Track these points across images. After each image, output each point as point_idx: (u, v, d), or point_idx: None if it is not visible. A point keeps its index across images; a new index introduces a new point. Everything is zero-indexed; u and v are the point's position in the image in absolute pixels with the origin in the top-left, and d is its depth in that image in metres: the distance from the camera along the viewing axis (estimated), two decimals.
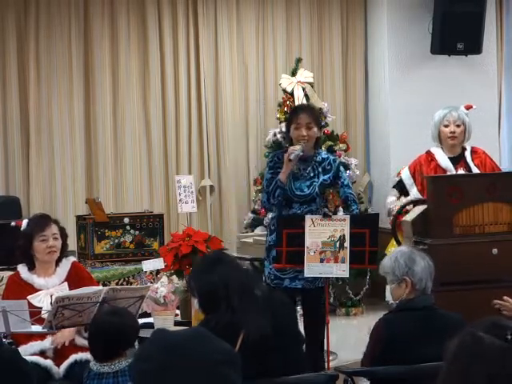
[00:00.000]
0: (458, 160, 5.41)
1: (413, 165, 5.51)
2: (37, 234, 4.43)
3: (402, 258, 3.62)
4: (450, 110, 5.43)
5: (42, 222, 4.53)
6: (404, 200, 5.28)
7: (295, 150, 4.91)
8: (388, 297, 3.75)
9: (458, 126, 5.39)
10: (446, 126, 5.39)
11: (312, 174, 5.05)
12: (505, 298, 4.06)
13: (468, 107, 5.49)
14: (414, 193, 5.33)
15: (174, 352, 1.88)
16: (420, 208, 4.84)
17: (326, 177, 5.06)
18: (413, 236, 4.71)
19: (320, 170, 5.07)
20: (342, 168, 5.17)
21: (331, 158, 5.17)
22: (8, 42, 7.12)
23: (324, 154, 5.22)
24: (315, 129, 5.03)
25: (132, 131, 7.42)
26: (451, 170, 5.34)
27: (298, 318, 4.46)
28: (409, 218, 4.82)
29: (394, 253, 3.71)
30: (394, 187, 5.62)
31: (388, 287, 3.72)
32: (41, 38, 7.17)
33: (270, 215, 5.26)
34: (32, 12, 7.15)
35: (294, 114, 5.11)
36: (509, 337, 1.76)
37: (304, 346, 3.59)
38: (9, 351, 3.05)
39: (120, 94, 7.39)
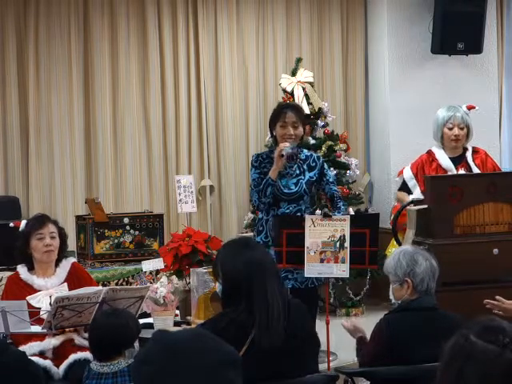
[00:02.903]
0: (459, 160, 5.40)
1: (415, 165, 5.49)
2: (34, 232, 4.43)
3: (404, 259, 3.61)
4: (454, 113, 5.40)
5: (39, 220, 4.53)
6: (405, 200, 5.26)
7: (286, 146, 4.92)
8: (392, 295, 3.73)
9: (462, 128, 5.38)
10: (450, 129, 5.38)
11: (298, 172, 5.09)
12: (497, 297, 4.06)
13: (470, 108, 5.48)
14: (417, 193, 5.31)
15: (174, 353, 1.87)
16: (410, 235, 4.75)
17: (312, 174, 5.11)
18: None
19: (305, 167, 5.11)
20: (326, 165, 5.22)
21: (315, 155, 5.23)
22: (7, 43, 7.11)
23: (306, 151, 5.27)
24: (301, 128, 5.10)
25: (132, 131, 7.41)
26: (452, 170, 5.33)
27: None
28: (407, 244, 4.71)
29: (397, 252, 3.69)
30: (399, 190, 5.59)
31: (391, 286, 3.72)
32: (40, 39, 7.15)
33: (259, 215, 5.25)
34: (32, 13, 7.14)
35: (281, 112, 5.11)
36: (502, 339, 1.76)
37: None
38: (16, 354, 3.04)
39: (120, 94, 7.37)
